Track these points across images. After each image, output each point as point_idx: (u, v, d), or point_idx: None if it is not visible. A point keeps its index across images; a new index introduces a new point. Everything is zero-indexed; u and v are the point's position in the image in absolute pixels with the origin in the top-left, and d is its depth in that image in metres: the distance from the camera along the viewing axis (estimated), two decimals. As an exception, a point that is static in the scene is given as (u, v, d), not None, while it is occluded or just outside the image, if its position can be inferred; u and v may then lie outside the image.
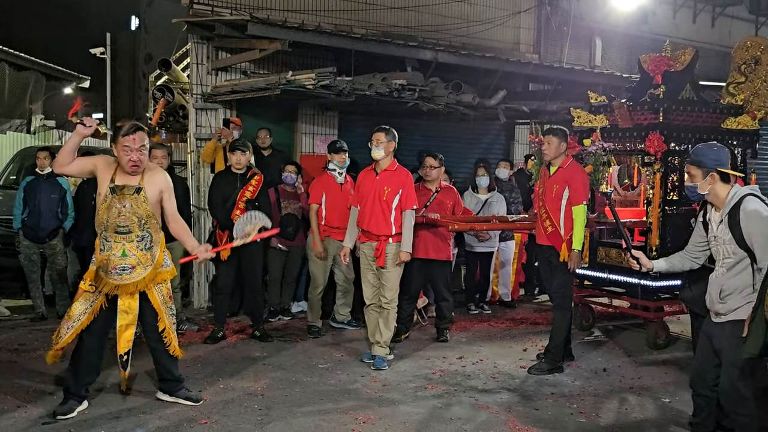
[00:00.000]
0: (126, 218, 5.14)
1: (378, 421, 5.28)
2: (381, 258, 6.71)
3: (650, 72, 7.74)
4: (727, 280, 4.47)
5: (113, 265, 5.15)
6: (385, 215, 6.71)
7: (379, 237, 6.73)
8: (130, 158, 5.08)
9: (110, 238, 5.17)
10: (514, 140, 13.89)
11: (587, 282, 8.41)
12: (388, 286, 6.75)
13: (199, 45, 10.67)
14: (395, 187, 6.72)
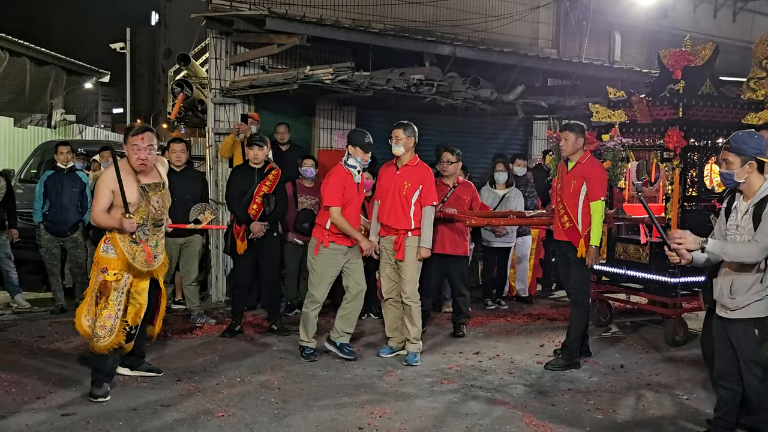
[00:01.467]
0: (161, 212, 5.59)
1: (394, 415, 5.29)
2: (400, 251, 6.69)
3: (670, 67, 7.69)
4: (739, 275, 4.41)
5: (149, 254, 5.52)
6: (404, 210, 6.69)
7: (398, 231, 6.71)
8: (138, 156, 5.39)
9: (148, 231, 5.53)
10: (532, 135, 13.83)
11: (605, 278, 8.37)
12: (407, 280, 6.71)
13: (217, 40, 10.71)
14: (415, 182, 6.70)
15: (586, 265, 6.54)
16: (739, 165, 4.46)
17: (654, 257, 7.70)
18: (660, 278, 7.58)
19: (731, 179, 4.52)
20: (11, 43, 18.33)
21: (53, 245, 8.48)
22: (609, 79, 10.80)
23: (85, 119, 24.41)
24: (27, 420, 5.02)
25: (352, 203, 6.70)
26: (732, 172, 4.49)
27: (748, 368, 4.43)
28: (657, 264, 7.64)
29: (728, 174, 4.52)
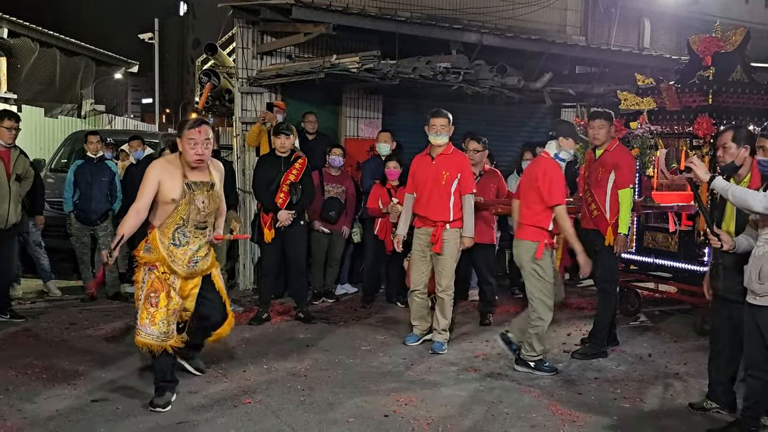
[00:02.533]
0: (204, 214, 5.13)
1: (419, 403, 5.30)
2: (438, 244, 6.54)
3: (700, 53, 7.59)
4: (766, 261, 4.35)
5: (189, 258, 5.14)
6: (443, 200, 6.54)
7: (436, 223, 6.56)
8: (195, 152, 5.01)
9: (189, 234, 5.11)
10: (560, 124, 13.74)
11: (633, 267, 8.32)
12: (444, 273, 6.61)
13: (244, 29, 10.75)
14: (453, 170, 6.55)
15: (614, 253, 6.50)
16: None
17: (683, 246, 7.63)
18: (689, 267, 7.52)
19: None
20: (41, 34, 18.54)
21: (83, 234, 8.57)
22: (638, 66, 10.69)
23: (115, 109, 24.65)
24: (57, 405, 5.10)
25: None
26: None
27: (780, 357, 4.38)
28: (686, 252, 7.58)
29: (765, 161, 4.46)
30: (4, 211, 7.26)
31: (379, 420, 4.95)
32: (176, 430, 4.68)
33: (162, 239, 5.06)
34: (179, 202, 5.02)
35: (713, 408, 5.21)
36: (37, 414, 4.92)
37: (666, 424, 5.02)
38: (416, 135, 10.20)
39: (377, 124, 11.50)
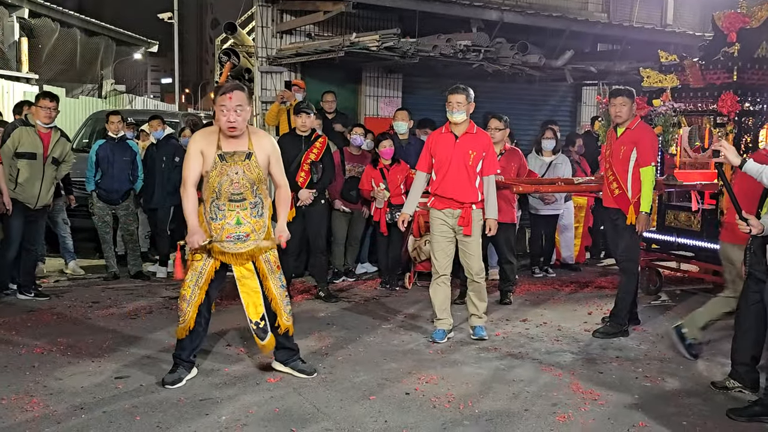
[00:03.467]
0: (239, 185, 4.91)
1: (440, 381, 5.31)
2: (468, 226, 6.20)
3: (724, 29, 7.48)
4: None
5: (228, 234, 4.95)
6: (471, 181, 6.22)
7: (464, 204, 6.22)
8: (227, 119, 4.82)
9: (223, 207, 4.94)
10: (581, 102, 13.68)
11: (655, 245, 8.27)
12: (475, 256, 6.33)
13: (263, 8, 10.76)
14: (479, 150, 6.25)
15: (635, 232, 6.46)
16: None
17: (706, 224, 7.58)
18: (712, 246, 7.44)
19: None
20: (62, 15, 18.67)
21: (105, 213, 8.62)
22: (661, 43, 10.60)
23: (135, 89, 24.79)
24: (82, 382, 5.16)
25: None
26: None
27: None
28: (709, 231, 7.52)
29: None
30: (36, 191, 7.37)
31: (401, 398, 4.97)
32: (198, 407, 4.72)
33: (205, 213, 5.00)
34: (210, 173, 4.90)
35: (735, 387, 5.19)
36: (63, 390, 4.99)
37: (688, 402, 5.00)
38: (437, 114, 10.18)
39: (397, 102, 11.51)
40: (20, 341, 6.09)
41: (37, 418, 4.50)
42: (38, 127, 7.42)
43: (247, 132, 5.01)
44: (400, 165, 8.22)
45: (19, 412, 4.59)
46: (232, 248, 4.99)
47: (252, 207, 5.01)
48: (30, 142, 7.36)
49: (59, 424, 4.42)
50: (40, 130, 7.42)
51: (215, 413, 4.63)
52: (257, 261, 5.12)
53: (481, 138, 6.36)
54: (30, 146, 7.36)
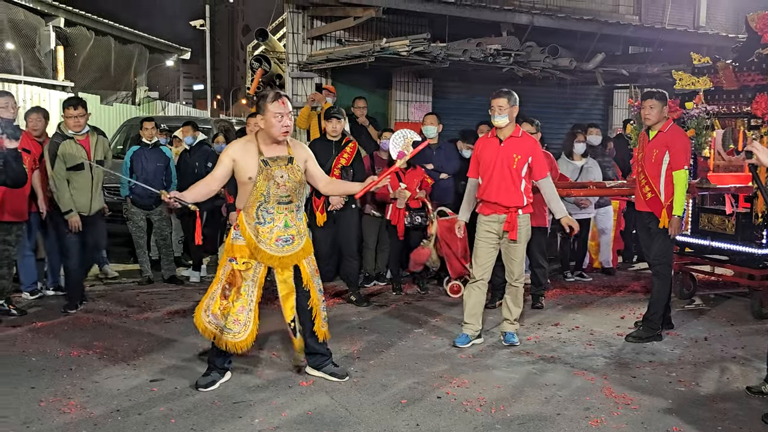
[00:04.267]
0: (286, 188, 4.98)
1: (472, 385, 5.31)
2: (513, 231, 6.12)
3: (758, 31, 7.41)
4: None
5: (276, 236, 5.01)
6: (516, 185, 6.13)
7: (509, 209, 6.14)
8: (283, 124, 4.93)
9: (272, 210, 4.99)
10: (612, 105, 13.61)
11: (688, 249, 8.19)
12: (518, 262, 6.27)
13: (294, 14, 10.84)
14: (525, 154, 6.15)
15: (668, 235, 6.41)
16: None
17: (740, 228, 7.50)
18: (746, 249, 7.39)
19: None
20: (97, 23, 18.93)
21: (140, 218, 8.70)
22: (693, 45, 10.51)
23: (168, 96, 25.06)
24: (118, 385, 5.22)
25: None
26: None
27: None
28: (744, 235, 7.44)
29: None
30: (88, 199, 7.30)
31: (432, 401, 4.98)
32: (232, 410, 4.77)
33: (248, 220, 5.01)
34: (256, 179, 4.95)
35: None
36: (99, 393, 5.05)
37: (722, 407, 4.95)
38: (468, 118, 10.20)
39: (427, 107, 11.53)
40: (58, 345, 6.18)
41: (75, 420, 4.57)
42: (75, 136, 7.24)
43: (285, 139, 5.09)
44: (416, 170, 8.20)
45: (57, 414, 4.67)
46: (280, 251, 5.04)
47: (297, 210, 5.10)
48: (75, 154, 7.18)
49: (96, 426, 4.48)
50: (78, 138, 7.26)
51: (248, 416, 4.67)
52: (300, 264, 5.17)
53: (527, 142, 6.25)
54: (76, 158, 7.18)
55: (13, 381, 5.26)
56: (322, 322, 5.33)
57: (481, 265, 6.28)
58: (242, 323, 5.03)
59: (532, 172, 6.20)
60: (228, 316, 5.02)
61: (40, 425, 4.50)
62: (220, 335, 5.05)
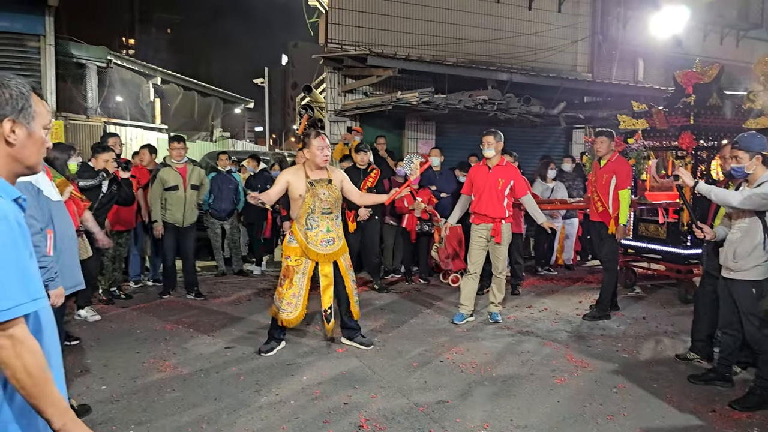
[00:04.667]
0: (328, 202, 5.05)
1: (466, 352, 5.32)
2: (498, 236, 6.13)
3: (683, 84, 7.40)
4: (740, 244, 4.23)
5: (321, 239, 5.05)
6: (500, 201, 6.14)
7: (495, 219, 6.15)
8: (323, 154, 5.03)
9: (317, 219, 5.03)
10: (572, 141, 13.56)
11: (630, 250, 8.15)
12: (501, 259, 6.24)
13: (331, 74, 10.90)
14: (507, 178, 6.17)
15: (615, 239, 6.39)
16: (747, 160, 4.24)
17: (670, 233, 7.47)
18: (675, 250, 7.36)
19: (742, 171, 4.27)
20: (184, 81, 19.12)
21: (216, 226, 8.74)
22: (634, 96, 10.48)
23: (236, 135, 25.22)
24: (202, 350, 5.29)
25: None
26: (742, 166, 4.26)
27: (747, 319, 4.26)
28: (672, 239, 7.42)
29: (739, 168, 4.28)
30: (180, 214, 7.16)
31: (436, 364, 4.99)
32: (286, 370, 4.80)
33: (299, 227, 5.06)
34: (305, 196, 5.01)
35: (695, 358, 5.10)
36: (187, 356, 5.12)
37: (657, 370, 4.92)
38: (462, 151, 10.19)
39: (431, 143, 11.55)
40: (156, 320, 6.26)
41: (169, 377, 4.63)
42: (174, 165, 7.24)
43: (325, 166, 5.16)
44: (424, 190, 8.23)
45: (156, 372, 4.73)
46: (324, 250, 5.08)
47: (336, 218, 5.14)
48: (173, 178, 7.15)
49: (185, 381, 4.53)
50: (177, 166, 7.23)
51: (298, 375, 4.71)
52: (338, 261, 5.20)
53: (509, 169, 6.26)
54: (173, 180, 7.14)
55: (124, 347, 5.34)
56: (354, 305, 5.36)
57: (474, 263, 6.29)
58: (293, 305, 5.07)
59: (514, 191, 6.22)
60: (283, 299, 5.07)
61: (144, 380, 4.56)
62: (278, 313, 5.10)
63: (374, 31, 11.26)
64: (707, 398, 4.34)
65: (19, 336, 1.57)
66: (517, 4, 12.78)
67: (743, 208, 4.17)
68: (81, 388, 4.36)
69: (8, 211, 1.61)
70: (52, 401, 1.62)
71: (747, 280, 4.20)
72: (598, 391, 4.45)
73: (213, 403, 4.13)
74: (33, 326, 1.69)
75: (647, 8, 14.08)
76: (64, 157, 5.08)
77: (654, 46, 14.32)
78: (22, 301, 1.58)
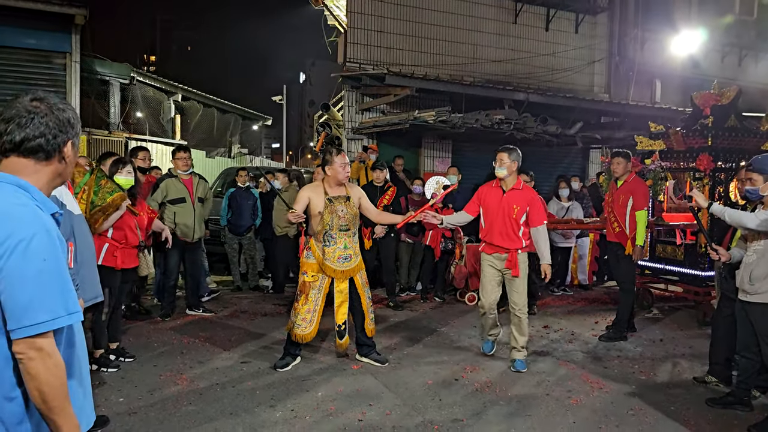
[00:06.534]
0: (345, 219, 5.06)
1: (481, 371, 5.30)
2: (516, 269, 5.40)
3: (701, 106, 7.39)
4: (756, 266, 4.21)
5: (338, 255, 5.05)
6: (515, 231, 5.38)
7: (509, 250, 5.42)
8: (345, 170, 5.09)
9: (335, 235, 5.03)
10: (589, 161, 13.54)
11: (647, 271, 8.09)
12: (520, 293, 5.45)
13: (349, 92, 11.00)
14: (523, 205, 5.38)
15: (632, 260, 6.36)
16: (762, 182, 4.23)
17: (687, 255, 7.41)
18: (692, 272, 7.30)
19: (756, 194, 4.28)
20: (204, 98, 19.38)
21: (234, 242, 8.81)
22: (651, 116, 10.47)
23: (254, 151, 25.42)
24: (217, 364, 5.31)
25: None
26: (756, 188, 4.25)
27: (764, 342, 4.22)
28: (690, 260, 7.36)
29: (753, 190, 4.29)
30: (191, 228, 7.00)
31: (450, 382, 4.98)
32: (301, 386, 4.82)
33: (317, 243, 5.08)
34: (323, 212, 5.03)
35: (713, 382, 5.04)
36: (203, 370, 5.15)
37: (675, 392, 4.88)
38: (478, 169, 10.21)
39: (448, 161, 11.59)
40: (173, 334, 6.31)
41: (185, 390, 4.66)
42: (180, 176, 7.04)
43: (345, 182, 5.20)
44: (449, 209, 8.24)
45: (172, 385, 4.77)
46: (341, 266, 5.10)
47: (353, 235, 5.17)
48: (178, 189, 6.97)
49: (201, 395, 4.56)
50: (183, 177, 7.04)
51: (314, 390, 4.72)
52: (355, 277, 5.20)
53: (526, 193, 5.45)
54: (179, 192, 6.96)
55: (141, 360, 5.39)
56: (370, 322, 5.36)
57: (487, 299, 5.58)
58: (308, 321, 5.09)
59: (529, 219, 5.42)
60: (298, 315, 5.09)
61: (161, 393, 4.60)
62: (293, 328, 5.13)
63: (392, 50, 11.37)
64: (725, 422, 4.29)
65: (47, 349, 1.61)
66: (534, 25, 12.86)
67: (759, 229, 4.15)
68: (99, 399, 4.41)
69: (51, 226, 1.67)
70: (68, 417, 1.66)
71: (764, 303, 4.17)
72: (615, 412, 4.41)
73: (229, 418, 4.15)
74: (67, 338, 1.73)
75: (664, 30, 14.09)
76: (113, 171, 5.28)
77: (671, 67, 14.31)
78: (60, 315, 1.62)
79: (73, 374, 1.78)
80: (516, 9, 12.62)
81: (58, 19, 9.63)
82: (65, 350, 1.73)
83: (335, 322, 5.27)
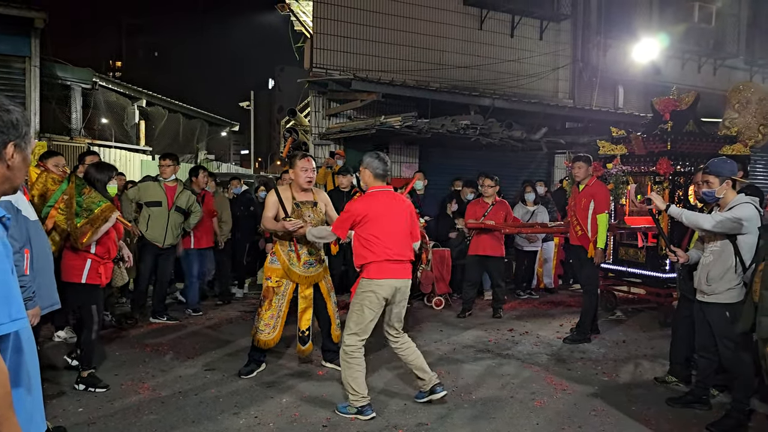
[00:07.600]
0: (312, 224, 4.95)
1: (446, 375, 5.31)
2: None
3: (661, 111, 7.55)
4: (713, 267, 4.30)
5: (303, 261, 5.02)
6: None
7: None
8: (306, 176, 4.98)
9: (301, 240, 4.98)
10: (553, 166, 13.72)
11: (610, 274, 8.20)
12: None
13: (316, 98, 10.98)
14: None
15: (594, 263, 6.45)
16: (718, 184, 4.33)
17: (649, 257, 7.54)
18: (654, 274, 7.43)
19: (712, 196, 4.37)
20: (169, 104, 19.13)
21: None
22: (613, 122, 10.68)
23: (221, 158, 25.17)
24: (180, 372, 5.24)
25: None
26: (713, 190, 4.35)
27: (722, 342, 4.31)
28: (651, 263, 7.48)
29: (710, 192, 4.38)
30: (162, 233, 6.90)
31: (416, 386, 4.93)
32: (265, 391, 4.77)
33: (282, 249, 5.03)
34: (290, 217, 4.96)
35: (673, 381, 5.14)
36: (166, 379, 5.07)
37: (636, 393, 4.95)
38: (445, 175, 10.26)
39: (415, 167, 11.63)
40: (135, 343, 6.20)
41: (147, 399, 4.58)
42: (163, 182, 6.99)
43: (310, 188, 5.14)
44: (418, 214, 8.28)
45: (134, 394, 4.68)
46: (305, 272, 5.06)
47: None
48: (155, 193, 6.92)
49: (163, 404, 4.49)
50: (166, 183, 6.98)
51: (278, 397, 4.68)
52: (320, 283, 5.17)
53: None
54: (155, 196, 6.91)
55: (102, 369, 5.26)
56: (336, 327, 5.32)
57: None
58: (271, 326, 5.05)
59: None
60: (261, 320, 5.04)
61: (121, 402, 4.51)
62: (256, 333, 5.08)
63: (359, 56, 11.38)
64: (685, 421, 4.37)
65: None
66: (499, 31, 13.01)
67: (715, 231, 4.25)
68: (57, 410, 4.30)
69: None
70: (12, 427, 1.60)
71: (721, 303, 4.26)
72: (577, 413, 4.45)
73: (191, 426, 4.09)
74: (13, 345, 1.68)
75: (626, 37, 14.38)
76: (104, 179, 4.89)
77: (633, 74, 14.60)
78: (3, 321, 1.58)
79: (21, 382, 1.72)
80: (481, 16, 12.76)
81: (18, 23, 9.44)
82: (12, 357, 1.68)
83: (298, 328, 5.22)
